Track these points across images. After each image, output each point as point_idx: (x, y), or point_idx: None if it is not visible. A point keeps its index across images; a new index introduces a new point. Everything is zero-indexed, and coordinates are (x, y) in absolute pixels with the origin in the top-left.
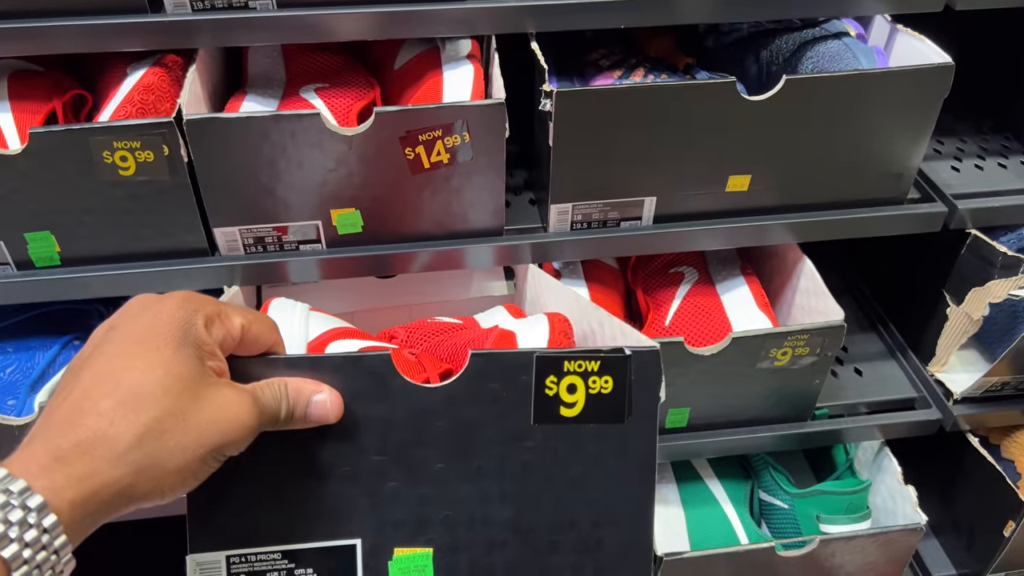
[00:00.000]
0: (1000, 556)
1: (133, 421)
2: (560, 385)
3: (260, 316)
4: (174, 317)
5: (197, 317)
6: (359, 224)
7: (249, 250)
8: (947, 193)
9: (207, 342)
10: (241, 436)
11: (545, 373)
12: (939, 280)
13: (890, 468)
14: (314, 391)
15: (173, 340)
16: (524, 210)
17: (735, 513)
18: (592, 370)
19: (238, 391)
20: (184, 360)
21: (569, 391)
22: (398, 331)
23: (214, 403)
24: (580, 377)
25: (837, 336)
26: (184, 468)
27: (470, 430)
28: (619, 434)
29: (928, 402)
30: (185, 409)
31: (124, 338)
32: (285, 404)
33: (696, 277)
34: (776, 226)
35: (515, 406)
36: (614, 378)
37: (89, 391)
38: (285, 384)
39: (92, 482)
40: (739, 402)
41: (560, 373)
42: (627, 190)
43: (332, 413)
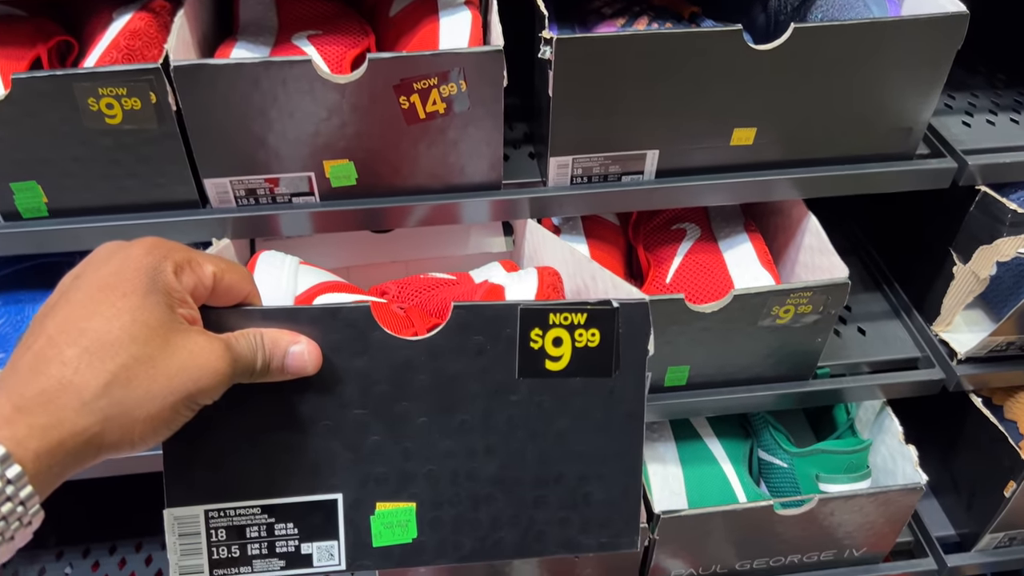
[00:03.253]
0: (1000, 516)
1: (99, 369)
2: (545, 338)
3: (233, 265)
4: (141, 263)
5: (166, 263)
6: (353, 176)
7: (241, 202)
8: (957, 148)
9: (176, 289)
10: (213, 384)
11: (530, 326)
12: (946, 238)
13: (891, 428)
14: (291, 342)
15: (140, 286)
16: (523, 163)
17: (734, 472)
18: (578, 323)
19: (210, 338)
20: (152, 307)
21: (555, 344)
22: (390, 286)
23: (184, 350)
24: (566, 330)
25: (840, 294)
26: (154, 417)
27: (453, 383)
28: (606, 388)
29: (931, 362)
30: (153, 356)
31: (90, 285)
32: (261, 354)
33: (698, 234)
34: (781, 181)
35: (499, 359)
36: (601, 331)
37: (54, 339)
38: (261, 334)
39: (57, 432)
40: (740, 360)
41: (545, 326)
42: (629, 143)
43: (310, 364)
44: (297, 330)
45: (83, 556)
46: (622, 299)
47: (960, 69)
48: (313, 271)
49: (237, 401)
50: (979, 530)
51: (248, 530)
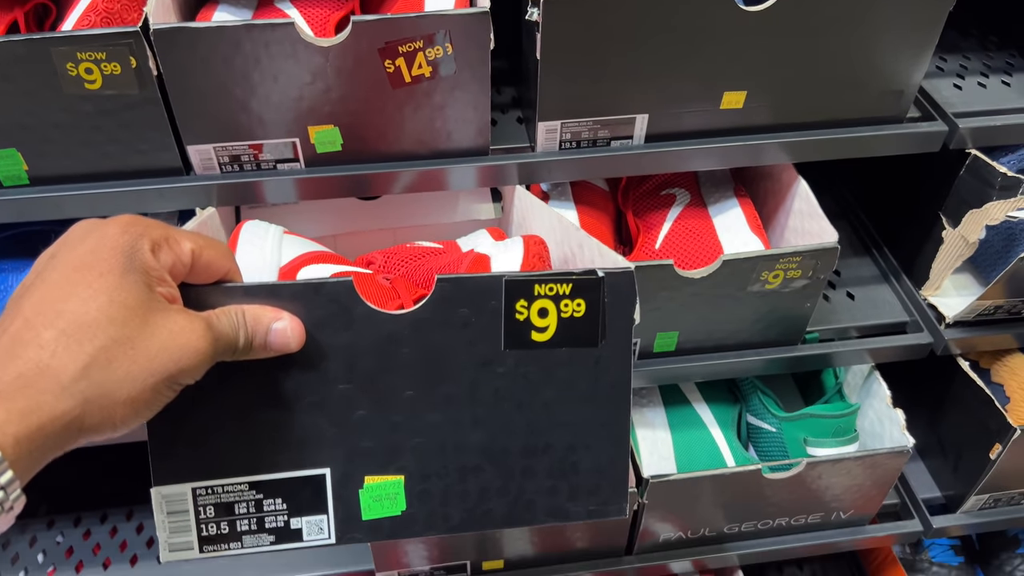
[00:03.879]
0: (985, 478)
1: (77, 351)
2: (531, 309)
3: (212, 241)
4: (118, 242)
5: (143, 241)
6: (338, 142)
7: (225, 169)
8: (948, 111)
9: (154, 267)
10: (195, 363)
11: (515, 297)
12: (935, 202)
13: (879, 392)
14: (274, 318)
15: (117, 265)
16: (511, 129)
17: (722, 436)
18: (564, 293)
19: (190, 317)
20: (130, 286)
21: (540, 315)
22: (376, 256)
23: (164, 329)
24: (551, 301)
25: (830, 258)
26: (135, 398)
27: (439, 357)
28: (592, 358)
29: (920, 326)
30: (132, 337)
31: (65, 265)
32: (243, 332)
33: (688, 199)
34: (771, 145)
35: (485, 331)
36: (586, 301)
37: (30, 321)
38: (243, 311)
39: (36, 416)
40: (729, 326)
41: (530, 297)
42: (618, 107)
43: (293, 341)
44: (279, 306)
45: (74, 525)
46: (607, 268)
47: (952, 31)
48: (298, 241)
49: (220, 378)
50: (965, 492)
51: (236, 506)
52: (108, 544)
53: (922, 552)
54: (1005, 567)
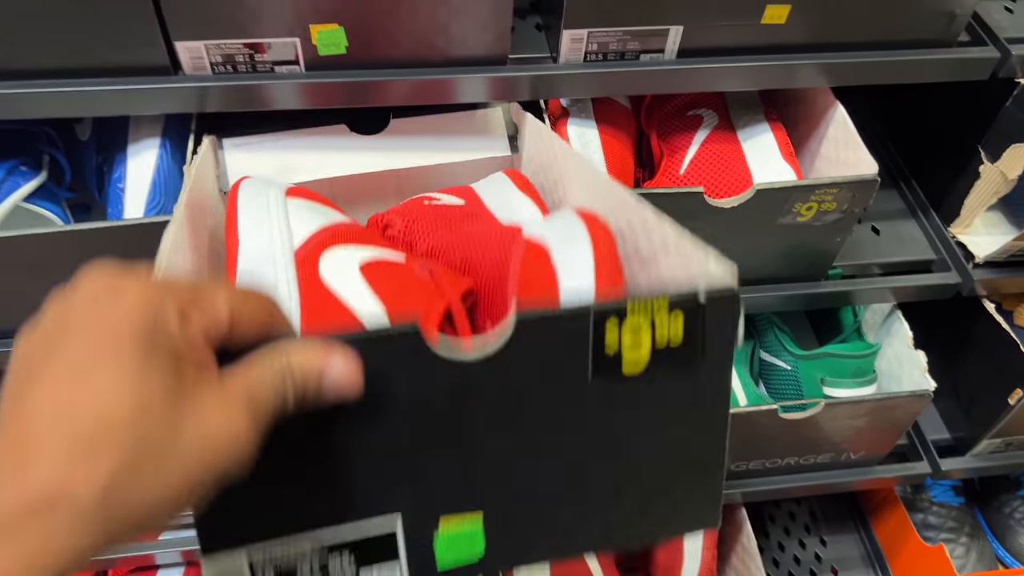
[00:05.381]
0: (1002, 422)
1: (97, 466)
2: (622, 339)
3: (249, 292)
4: (138, 315)
5: (167, 310)
6: (343, 44)
7: (217, 70)
8: (1000, 36)
9: (183, 338)
10: (241, 457)
11: (603, 328)
12: (975, 135)
13: (900, 332)
14: (325, 360)
15: (139, 348)
16: (531, 36)
17: (734, 372)
18: (660, 321)
19: (226, 401)
20: (155, 373)
21: (632, 345)
22: (393, 218)
23: (198, 421)
24: (646, 327)
25: (868, 191)
26: (170, 503)
27: (519, 398)
28: (688, 391)
29: (947, 264)
30: (161, 439)
31: (77, 349)
32: (291, 387)
33: (716, 121)
34: (811, 67)
35: (570, 366)
36: (685, 328)
37: (34, 426)
38: (288, 360)
39: (52, 559)
40: (753, 258)
41: (621, 324)
42: (652, 16)
43: (352, 386)
44: None
45: None
46: (709, 290)
47: None
48: (304, 207)
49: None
50: (977, 435)
51: (300, 568)
52: None
53: (923, 492)
54: (1004, 508)
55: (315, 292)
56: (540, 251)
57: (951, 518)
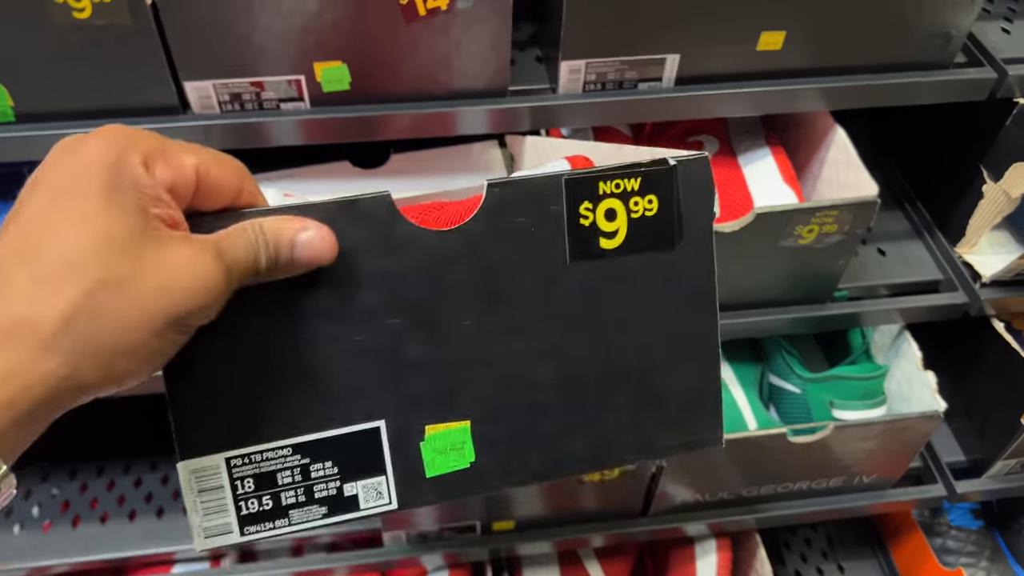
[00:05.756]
0: (1015, 443)
1: (57, 297)
2: (597, 212)
3: (220, 156)
4: (100, 158)
5: (131, 154)
6: (346, 80)
7: (225, 108)
8: (997, 57)
9: (148, 184)
10: (205, 302)
11: (578, 199)
12: (977, 154)
13: (908, 353)
14: (299, 228)
15: (100, 187)
16: (531, 68)
17: (744, 396)
18: (632, 189)
19: (196, 245)
20: (118, 211)
21: (608, 218)
22: None
23: (162, 264)
24: (619, 200)
25: (868, 212)
26: (136, 348)
27: (496, 276)
28: (670, 263)
29: (954, 284)
30: (123, 276)
31: (44, 193)
32: (264, 251)
33: (716, 147)
34: (810, 91)
35: (546, 242)
36: (659, 196)
37: (3, 265)
38: (260, 225)
39: (17, 380)
40: (757, 282)
41: (595, 197)
42: (648, 45)
43: (325, 251)
44: None
45: (70, 477)
46: (679, 155)
47: None
48: None
49: (243, 314)
50: (992, 456)
51: (280, 476)
52: (105, 498)
53: (941, 516)
54: None
55: None
56: None
57: (970, 542)
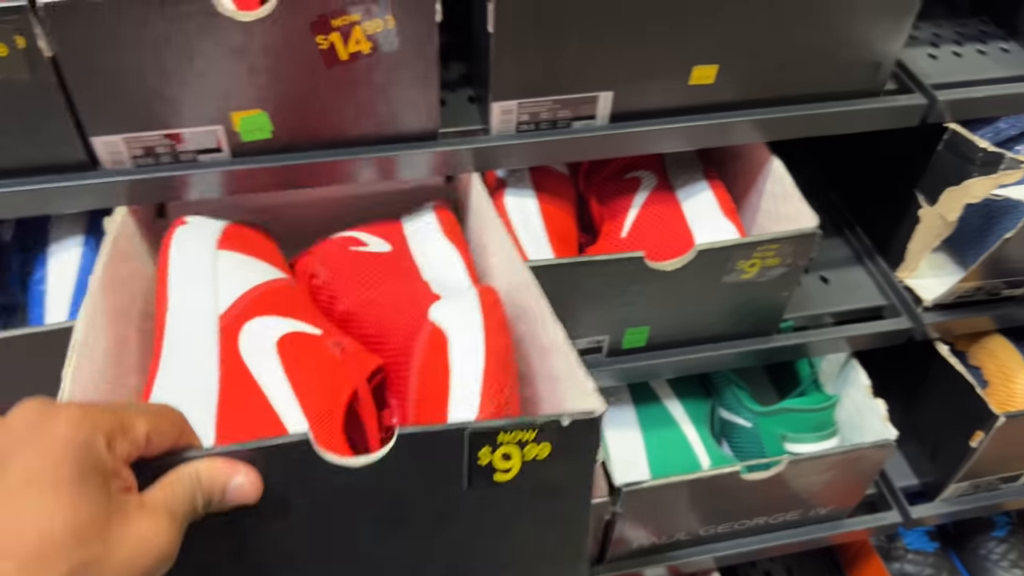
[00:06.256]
0: (966, 466)
1: None
2: (495, 455)
3: (163, 412)
4: (71, 442)
5: (97, 438)
6: (267, 128)
7: (138, 163)
8: (926, 83)
9: (111, 464)
10: (164, 559)
11: (478, 446)
12: (911, 180)
13: (857, 381)
14: (230, 475)
15: (74, 473)
16: (462, 109)
17: (695, 434)
18: (528, 440)
19: (152, 517)
20: (90, 495)
21: (504, 458)
22: (318, 268)
23: (129, 539)
24: (516, 446)
25: (809, 244)
26: None
27: (400, 504)
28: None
29: (897, 310)
30: (99, 555)
31: (14, 477)
32: (201, 497)
33: (654, 183)
34: (744, 123)
35: (446, 477)
36: (551, 443)
37: None
38: (197, 474)
39: None
40: (702, 318)
41: (494, 444)
42: (580, 84)
43: (252, 495)
44: None
45: None
46: (573, 414)
47: None
48: (234, 262)
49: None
50: (944, 480)
51: None
52: None
53: (897, 540)
54: (980, 550)
55: (233, 370)
56: (440, 339)
57: (928, 564)
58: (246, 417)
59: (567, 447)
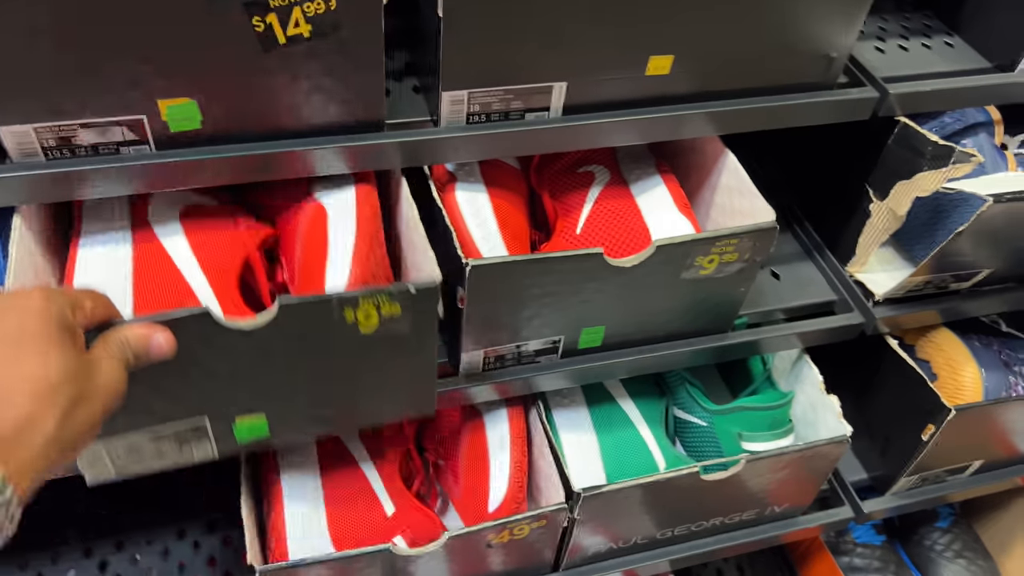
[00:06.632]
0: (917, 459)
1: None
2: (358, 314)
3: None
4: (49, 311)
5: (64, 308)
6: (196, 118)
7: (51, 155)
8: (876, 76)
9: (75, 327)
10: (120, 397)
11: (345, 308)
12: (862, 174)
13: (810, 377)
14: (149, 335)
15: (56, 331)
16: (408, 99)
17: (651, 434)
18: (383, 303)
19: (109, 360)
20: (69, 347)
21: (366, 317)
22: None
23: (100, 376)
24: (374, 308)
25: (768, 239)
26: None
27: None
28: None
29: (849, 305)
30: (84, 389)
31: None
32: (131, 353)
33: (608, 177)
34: (699, 116)
35: (320, 331)
36: (402, 304)
37: None
38: (126, 336)
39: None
40: (658, 316)
41: (356, 306)
42: (533, 74)
43: (168, 351)
44: None
45: None
46: (418, 283)
47: None
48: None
49: None
50: (894, 473)
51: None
52: None
53: (846, 534)
54: (925, 541)
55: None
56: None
57: (875, 558)
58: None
59: (415, 307)
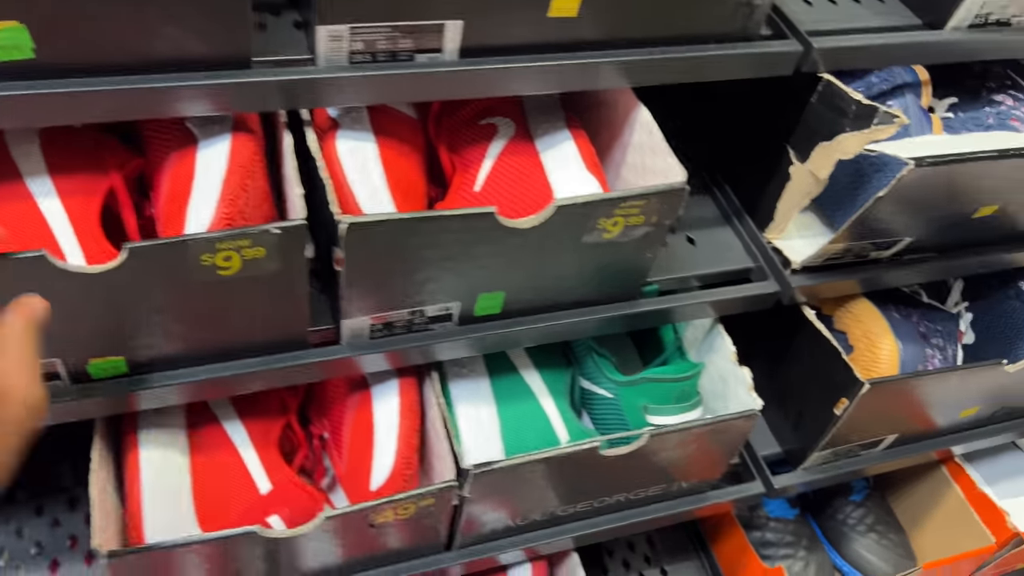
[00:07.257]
0: (830, 434)
1: None
2: (216, 258)
3: None
4: None
5: None
6: (27, 46)
7: None
8: (801, 29)
9: None
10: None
11: (201, 252)
12: (782, 134)
13: (723, 347)
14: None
15: None
16: (286, 36)
17: (555, 407)
18: (245, 246)
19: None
20: None
21: (225, 259)
22: None
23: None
24: (235, 251)
25: (676, 201)
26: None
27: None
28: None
29: (765, 273)
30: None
31: None
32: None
33: (512, 131)
34: (610, 65)
35: (180, 275)
36: (265, 247)
37: None
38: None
39: None
40: (561, 282)
41: (214, 251)
42: (424, 9)
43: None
44: None
45: None
46: (281, 224)
47: None
48: None
49: None
50: (807, 447)
51: None
52: None
53: (758, 508)
54: (838, 515)
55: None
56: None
57: (788, 532)
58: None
59: (280, 248)
